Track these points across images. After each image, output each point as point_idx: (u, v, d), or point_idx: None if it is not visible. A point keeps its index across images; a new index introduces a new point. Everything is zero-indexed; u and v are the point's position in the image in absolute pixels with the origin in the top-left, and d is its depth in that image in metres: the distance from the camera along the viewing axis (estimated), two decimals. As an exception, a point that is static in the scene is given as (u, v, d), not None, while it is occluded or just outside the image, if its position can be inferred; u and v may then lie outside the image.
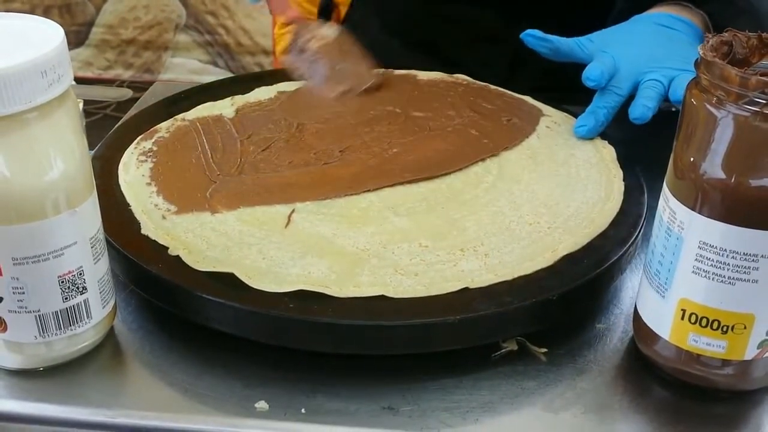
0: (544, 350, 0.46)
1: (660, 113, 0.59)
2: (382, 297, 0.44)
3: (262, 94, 0.66)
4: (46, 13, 2.10)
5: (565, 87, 0.62)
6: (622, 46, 0.62)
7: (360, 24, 0.87)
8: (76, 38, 2.17)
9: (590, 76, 0.59)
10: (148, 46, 2.21)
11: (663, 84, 0.59)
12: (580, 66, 0.60)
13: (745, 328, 0.41)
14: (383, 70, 0.70)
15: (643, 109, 0.58)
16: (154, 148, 0.57)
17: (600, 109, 0.60)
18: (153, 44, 2.21)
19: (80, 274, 0.42)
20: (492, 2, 0.79)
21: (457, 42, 0.81)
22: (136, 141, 0.58)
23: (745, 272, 0.39)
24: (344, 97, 0.65)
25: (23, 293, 0.41)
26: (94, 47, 2.20)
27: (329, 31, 0.69)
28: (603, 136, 0.60)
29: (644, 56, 0.61)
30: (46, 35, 0.39)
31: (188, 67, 2.22)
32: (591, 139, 0.60)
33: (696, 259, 0.40)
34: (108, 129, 0.61)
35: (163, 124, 0.61)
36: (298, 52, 0.68)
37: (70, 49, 0.39)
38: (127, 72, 2.24)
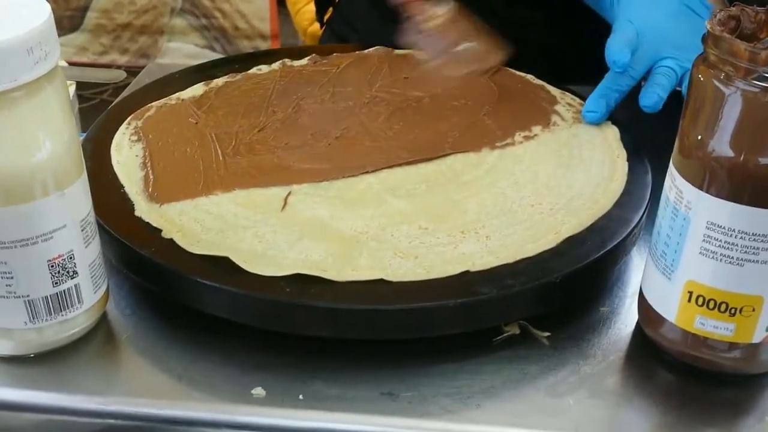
0: (546, 334, 0.45)
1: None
2: (381, 281, 0.43)
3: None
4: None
5: (570, 67, 0.60)
6: (646, 19, 0.58)
7: (354, 9, 0.86)
8: (70, 23, 2.15)
9: (618, 60, 0.55)
10: (144, 30, 2.19)
11: (677, 74, 0.57)
12: (585, 46, 0.58)
13: (753, 310, 0.40)
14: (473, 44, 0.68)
15: (657, 99, 0.55)
16: (146, 128, 0.56)
17: (612, 92, 0.57)
18: (149, 29, 2.19)
19: (70, 258, 0.41)
20: None
21: None
22: (127, 120, 0.57)
23: (753, 253, 0.38)
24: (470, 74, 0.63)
25: (11, 278, 0.40)
26: (89, 32, 2.18)
27: (441, 8, 0.64)
28: (606, 115, 0.59)
29: (665, 38, 0.58)
30: (32, 12, 0.38)
31: (184, 52, 2.21)
32: None
33: (703, 240, 0.39)
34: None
35: (155, 103, 0.59)
36: (418, 33, 0.64)
37: (64, 34, 0.38)
38: (123, 57, 2.22)
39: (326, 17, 0.90)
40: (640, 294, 0.45)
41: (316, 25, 0.92)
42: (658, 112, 0.56)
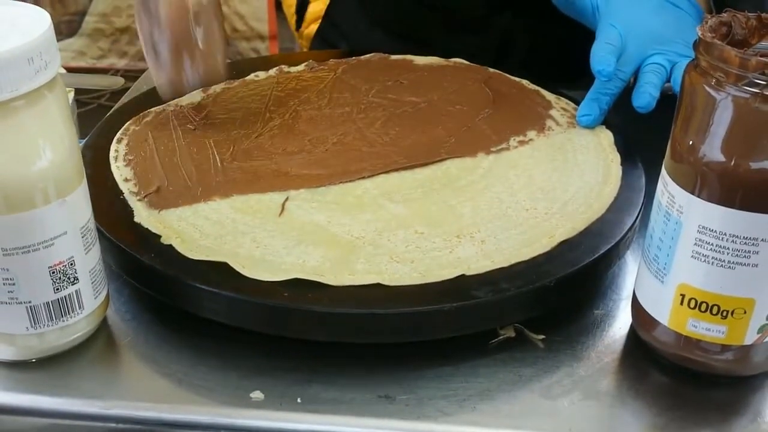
0: (541, 337, 0.46)
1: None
2: (378, 285, 0.44)
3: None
4: (37, 4, 2.09)
5: (555, 72, 0.61)
6: (628, 20, 0.59)
7: (343, 15, 0.86)
8: (68, 28, 2.15)
9: (602, 70, 0.55)
10: (142, 34, 2.19)
11: (666, 69, 0.57)
12: (570, 50, 0.59)
13: (745, 312, 0.40)
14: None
15: (649, 98, 0.55)
16: (146, 133, 0.56)
17: (603, 96, 0.58)
18: (147, 32, 2.19)
19: (71, 264, 0.41)
20: None
21: (442, 31, 0.80)
22: (124, 126, 0.57)
23: (745, 256, 0.39)
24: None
25: (13, 284, 0.40)
26: (87, 36, 2.18)
27: None
28: (600, 120, 0.59)
29: (649, 36, 0.58)
30: (32, 22, 0.39)
31: (183, 55, 2.21)
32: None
33: (695, 244, 0.40)
34: (102, 119, 0.60)
35: (154, 110, 0.60)
36: (147, 11, 0.54)
37: (62, 39, 0.39)
38: (122, 61, 2.23)
39: (303, 25, 0.91)
40: (634, 297, 0.45)
41: (312, 27, 0.92)
42: (652, 112, 0.56)
